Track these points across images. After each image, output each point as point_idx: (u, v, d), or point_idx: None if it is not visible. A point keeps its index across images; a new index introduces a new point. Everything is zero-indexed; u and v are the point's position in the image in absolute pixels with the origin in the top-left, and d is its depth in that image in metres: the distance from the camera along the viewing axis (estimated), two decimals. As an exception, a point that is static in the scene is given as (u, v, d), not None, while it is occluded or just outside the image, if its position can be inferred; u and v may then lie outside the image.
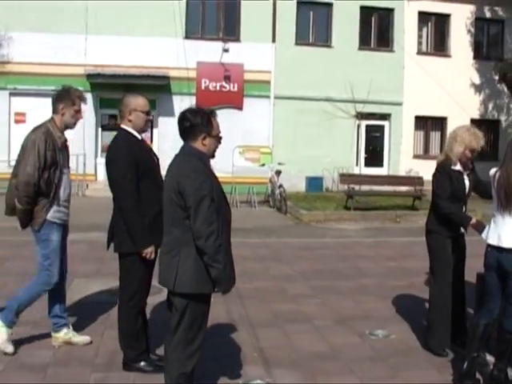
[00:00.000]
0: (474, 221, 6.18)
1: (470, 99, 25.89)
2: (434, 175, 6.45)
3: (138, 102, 5.50)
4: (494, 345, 5.67)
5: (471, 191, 6.46)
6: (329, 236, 14.65)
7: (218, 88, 23.68)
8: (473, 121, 25.77)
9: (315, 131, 23.47)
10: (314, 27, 24.91)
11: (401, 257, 11.69)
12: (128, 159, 5.24)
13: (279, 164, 19.54)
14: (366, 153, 24.99)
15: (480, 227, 5.94)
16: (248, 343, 6.49)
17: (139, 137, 5.51)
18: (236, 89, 23.62)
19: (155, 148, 23.27)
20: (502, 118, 26.87)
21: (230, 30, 24.01)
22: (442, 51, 26.09)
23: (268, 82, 23.84)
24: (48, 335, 6.26)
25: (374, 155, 25.23)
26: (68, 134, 6.02)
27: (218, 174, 4.67)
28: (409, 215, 17.82)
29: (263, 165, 19.91)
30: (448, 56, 25.91)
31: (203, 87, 23.61)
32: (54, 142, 5.72)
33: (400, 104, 24.85)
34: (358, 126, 24.59)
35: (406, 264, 10.92)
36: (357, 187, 19.50)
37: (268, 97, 23.85)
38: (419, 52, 25.62)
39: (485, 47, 27.06)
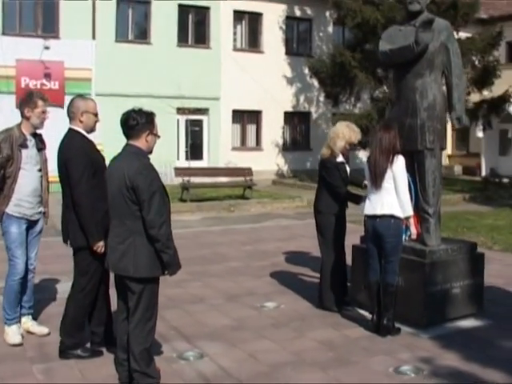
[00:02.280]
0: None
1: (283, 93, 27.36)
2: (324, 168, 7.55)
3: (89, 104, 5.94)
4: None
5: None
6: (174, 227, 15.07)
7: (38, 86, 23.11)
8: (286, 113, 27.47)
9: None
10: (133, 25, 25.15)
11: (253, 241, 12.51)
12: (85, 159, 5.64)
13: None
14: (186, 146, 25.59)
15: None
16: (160, 324, 6.92)
17: (89, 137, 5.89)
18: (57, 87, 23.26)
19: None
20: (313, 110, 28.61)
21: (48, 27, 23.60)
22: (255, 47, 27.33)
23: (89, 80, 23.74)
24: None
25: (195, 149, 25.91)
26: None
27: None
28: (241, 204, 18.77)
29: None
30: (261, 52, 27.20)
31: (23, 85, 22.97)
32: (13, 142, 6.07)
33: (218, 99, 25.77)
34: (178, 121, 25.20)
35: (261, 247, 11.82)
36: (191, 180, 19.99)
37: (89, 94, 23.70)
38: (235, 48, 26.65)
39: (295, 44, 28.73)
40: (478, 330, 6.98)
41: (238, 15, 26.70)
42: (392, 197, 6.51)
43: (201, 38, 26.14)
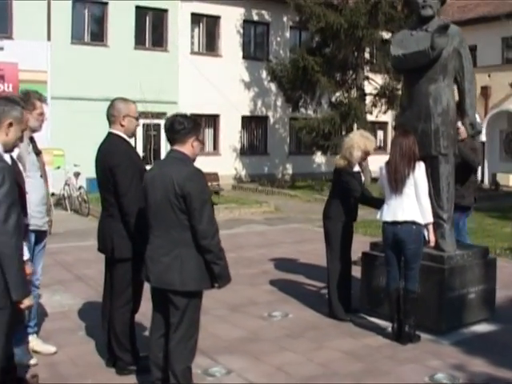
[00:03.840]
0: None
1: (241, 97, 27.15)
2: (340, 177, 7.42)
3: (130, 107, 5.62)
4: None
5: None
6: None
7: (-9, 88, 22.52)
8: (244, 117, 27.29)
9: (92, 131, 23.02)
10: (89, 26, 24.58)
11: (235, 248, 12.14)
12: (132, 165, 5.37)
13: (75, 166, 19.19)
14: (143, 151, 25.13)
15: None
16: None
17: (131, 142, 5.58)
18: (11, 89, 22.55)
19: None
20: (270, 114, 28.50)
21: (1, 27, 22.83)
22: (213, 51, 27.05)
23: (44, 82, 23.08)
24: None
25: (153, 152, 25.41)
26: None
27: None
28: (209, 209, 18.44)
29: (58, 167, 19.37)
30: (219, 56, 26.94)
31: (-25, 87, 22.32)
32: None
33: (175, 103, 25.34)
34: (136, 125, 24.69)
35: (244, 254, 11.55)
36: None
37: (44, 98, 23.08)
38: (192, 52, 26.30)
39: (252, 48, 28.55)
40: (495, 334, 6.98)
41: (196, 18, 26.34)
42: (413, 203, 6.43)
43: (158, 40, 25.69)
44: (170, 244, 4.65)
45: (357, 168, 7.41)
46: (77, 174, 19.14)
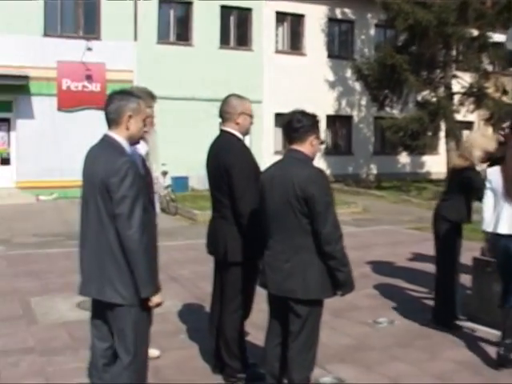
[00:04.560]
0: None
1: (325, 96, 26.83)
2: (463, 177, 6.90)
3: (246, 104, 5.35)
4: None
5: None
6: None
7: (79, 88, 22.82)
8: (328, 117, 26.91)
9: (178, 131, 23.27)
10: (174, 26, 24.71)
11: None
12: (248, 165, 5.14)
13: (163, 165, 19.18)
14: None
15: None
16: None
17: (245, 141, 5.34)
18: (98, 89, 22.90)
19: (13, 152, 22.19)
20: (354, 114, 28.09)
21: (90, 28, 23.21)
22: (297, 50, 26.83)
23: (130, 82, 23.22)
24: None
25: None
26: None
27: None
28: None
29: (146, 166, 19.47)
30: (303, 55, 26.71)
31: (64, 87, 22.63)
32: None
33: (260, 102, 25.18)
34: (220, 124, 24.67)
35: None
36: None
37: (131, 96, 23.31)
38: (277, 51, 26.17)
39: (337, 46, 28.19)
40: None
41: (280, 17, 26.20)
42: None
43: (243, 39, 25.66)
44: (291, 250, 4.38)
45: (478, 168, 6.98)
46: (164, 173, 19.13)
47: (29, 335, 6.64)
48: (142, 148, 4.94)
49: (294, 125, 4.46)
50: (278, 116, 25.63)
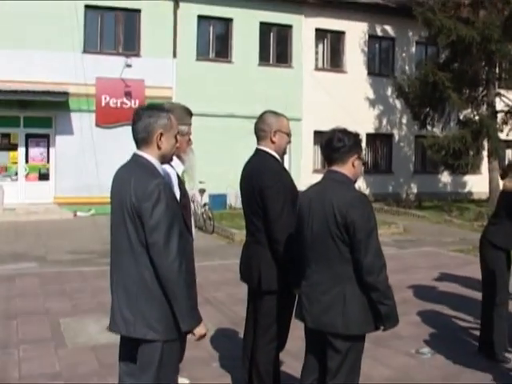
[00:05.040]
0: None
1: (365, 114, 26.46)
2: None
3: (282, 122, 5.00)
4: None
5: None
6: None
7: (118, 105, 22.84)
8: (368, 135, 26.51)
9: (216, 148, 23.11)
10: (214, 42, 24.64)
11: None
12: (285, 188, 4.78)
13: (200, 182, 19.04)
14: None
15: None
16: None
17: (281, 161, 5.01)
18: (137, 105, 22.89)
19: (52, 168, 22.23)
20: (395, 132, 27.66)
21: (129, 45, 23.25)
22: (337, 67, 26.55)
23: (170, 98, 23.25)
24: None
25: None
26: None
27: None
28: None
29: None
30: (344, 72, 26.41)
31: (103, 104, 22.67)
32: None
33: (299, 120, 24.95)
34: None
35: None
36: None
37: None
38: (316, 68, 25.93)
39: (377, 64, 27.84)
40: None
41: (320, 34, 25.94)
42: None
43: (282, 56, 25.46)
44: (331, 280, 4.06)
45: None
46: (202, 191, 18.99)
47: (56, 359, 6.43)
48: (177, 167, 4.65)
49: (335, 144, 4.16)
50: (317, 134, 25.34)
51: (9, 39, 21.03)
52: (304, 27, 25.35)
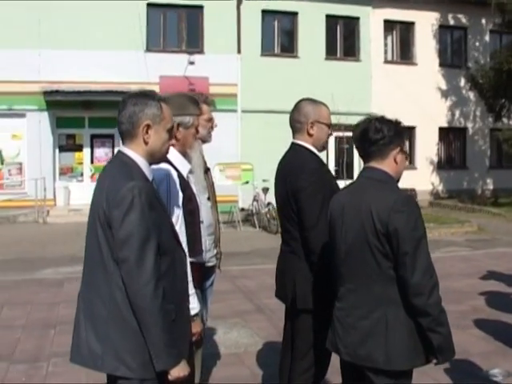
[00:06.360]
0: None
1: (437, 107, 25.59)
2: None
3: (321, 112, 4.30)
4: None
5: None
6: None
7: (183, 103, 22.52)
8: (441, 129, 25.57)
9: (282, 145, 22.41)
10: (279, 37, 24.10)
11: (439, 276, 10.82)
12: (323, 188, 4.04)
13: (264, 181, 18.49)
14: (336, 165, 24.23)
15: None
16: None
17: (321, 157, 4.35)
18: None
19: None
20: (469, 126, 26.59)
21: (193, 42, 22.98)
22: (407, 59, 25.73)
23: (235, 96, 22.88)
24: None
25: (345, 167, 24.43)
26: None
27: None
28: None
29: (247, 182, 18.92)
30: (414, 64, 25.55)
31: (167, 102, 22.39)
32: None
33: (368, 114, 24.11)
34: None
35: (451, 284, 9.76)
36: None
37: (235, 111, 22.86)
38: (385, 61, 25.16)
39: (449, 54, 26.86)
40: None
41: (389, 25, 25.18)
42: None
43: (350, 49, 24.80)
44: (370, 302, 3.29)
45: None
46: (265, 190, 18.46)
47: (84, 375, 5.87)
48: (182, 167, 3.98)
49: (372, 136, 3.36)
50: (387, 129, 24.47)
51: (71, 40, 21.04)
52: (372, 19, 24.61)
